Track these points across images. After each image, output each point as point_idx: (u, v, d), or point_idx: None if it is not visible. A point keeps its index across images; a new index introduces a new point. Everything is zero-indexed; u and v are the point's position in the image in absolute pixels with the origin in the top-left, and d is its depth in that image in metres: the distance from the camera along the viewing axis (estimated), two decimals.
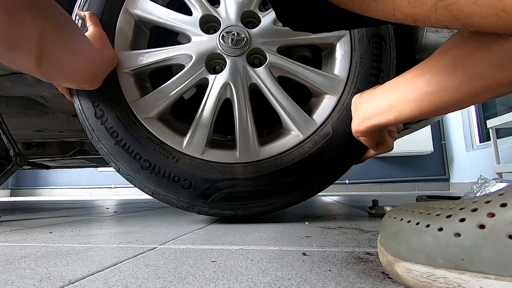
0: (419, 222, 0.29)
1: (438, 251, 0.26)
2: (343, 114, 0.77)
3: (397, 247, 0.30)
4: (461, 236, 0.25)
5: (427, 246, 0.27)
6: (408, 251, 0.29)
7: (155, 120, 0.80)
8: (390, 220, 0.33)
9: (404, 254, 0.29)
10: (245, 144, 0.78)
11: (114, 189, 4.76)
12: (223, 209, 0.78)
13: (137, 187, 0.80)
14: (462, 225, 0.25)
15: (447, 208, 0.28)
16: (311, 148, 0.76)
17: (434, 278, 0.26)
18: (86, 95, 0.78)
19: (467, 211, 0.26)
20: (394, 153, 3.91)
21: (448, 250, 0.25)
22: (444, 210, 0.28)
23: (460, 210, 0.27)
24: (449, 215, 0.27)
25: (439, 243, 0.26)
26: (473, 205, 0.26)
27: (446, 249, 0.26)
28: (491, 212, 0.24)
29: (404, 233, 0.30)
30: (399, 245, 0.30)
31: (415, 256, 0.28)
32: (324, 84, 0.79)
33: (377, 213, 0.93)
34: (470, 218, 0.25)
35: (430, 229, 0.27)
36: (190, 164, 0.76)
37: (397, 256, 0.30)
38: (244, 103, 0.79)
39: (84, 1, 0.80)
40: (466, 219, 0.25)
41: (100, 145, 0.78)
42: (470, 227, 0.25)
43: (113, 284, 0.34)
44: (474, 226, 0.25)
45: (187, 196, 0.76)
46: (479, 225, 0.24)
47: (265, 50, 0.80)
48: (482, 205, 0.25)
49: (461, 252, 0.25)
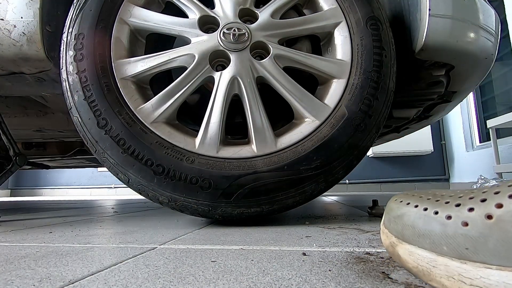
0: (427, 208, 0.29)
1: (444, 238, 0.26)
2: (355, 94, 0.77)
3: (402, 230, 0.30)
4: (468, 225, 0.25)
5: (433, 233, 0.27)
6: (413, 235, 0.29)
7: (163, 124, 0.78)
8: (397, 204, 0.33)
9: (408, 237, 0.29)
10: (260, 136, 0.77)
11: (114, 189, 4.76)
12: (249, 206, 0.74)
13: (150, 198, 0.75)
14: (470, 214, 0.25)
15: (456, 197, 0.28)
16: (330, 131, 0.76)
17: (435, 264, 0.26)
18: (86, 106, 0.75)
19: (476, 201, 0.26)
20: (394, 153, 3.91)
21: (455, 238, 0.25)
22: (453, 198, 0.28)
23: (470, 199, 0.27)
24: (458, 203, 0.27)
25: (446, 231, 0.26)
26: (482, 195, 0.26)
27: (452, 238, 0.26)
28: (499, 203, 0.24)
29: (410, 217, 0.30)
30: (404, 228, 0.30)
31: (420, 241, 0.28)
32: (330, 69, 0.80)
33: (377, 213, 0.93)
34: (479, 208, 0.25)
35: (439, 216, 0.28)
36: (207, 164, 0.73)
37: (401, 238, 0.30)
38: (253, 95, 0.78)
39: (77, 12, 0.80)
40: (475, 209, 0.26)
41: (105, 156, 0.74)
42: (478, 217, 0.25)
43: (113, 284, 0.34)
44: (482, 216, 0.25)
45: (208, 198, 0.73)
46: (487, 215, 0.24)
47: (267, 42, 0.80)
48: (491, 195, 0.25)
49: (466, 241, 0.25)
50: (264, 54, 0.82)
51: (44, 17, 0.85)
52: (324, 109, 0.78)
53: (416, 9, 0.85)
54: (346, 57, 0.81)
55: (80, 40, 0.78)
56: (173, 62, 0.80)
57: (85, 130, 0.76)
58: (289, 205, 0.76)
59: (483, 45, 0.88)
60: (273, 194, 0.74)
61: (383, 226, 0.34)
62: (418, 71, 0.94)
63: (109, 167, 0.76)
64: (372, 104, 0.77)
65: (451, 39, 0.83)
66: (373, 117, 0.77)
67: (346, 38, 0.82)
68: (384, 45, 0.80)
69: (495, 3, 2.75)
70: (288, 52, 0.81)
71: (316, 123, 0.77)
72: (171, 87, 0.78)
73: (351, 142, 0.76)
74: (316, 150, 0.75)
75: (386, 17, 0.84)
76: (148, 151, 0.73)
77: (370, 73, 0.78)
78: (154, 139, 0.75)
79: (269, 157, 0.75)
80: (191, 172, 0.72)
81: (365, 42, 0.80)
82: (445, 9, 0.82)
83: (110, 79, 0.77)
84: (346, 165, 0.77)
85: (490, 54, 0.92)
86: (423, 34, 0.81)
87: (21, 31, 0.83)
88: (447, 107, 1.27)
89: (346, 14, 0.83)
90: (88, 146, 0.78)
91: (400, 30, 0.91)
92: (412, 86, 1.03)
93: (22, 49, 0.84)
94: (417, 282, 0.33)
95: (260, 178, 0.73)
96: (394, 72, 0.81)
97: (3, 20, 0.83)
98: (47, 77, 0.94)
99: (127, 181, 0.75)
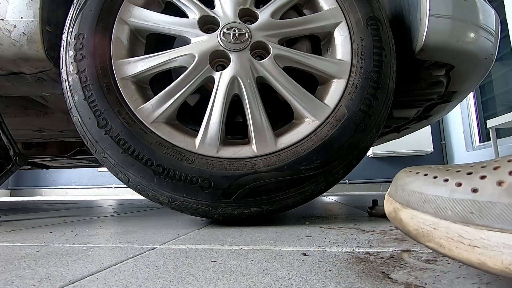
0: (437, 176, 0.29)
1: (450, 203, 0.27)
2: (355, 94, 0.77)
3: (408, 197, 0.30)
4: (478, 191, 0.26)
5: (439, 198, 0.28)
6: (418, 200, 0.29)
7: (163, 124, 0.78)
8: (405, 173, 0.34)
9: (413, 203, 0.30)
10: (260, 136, 0.77)
11: (114, 189, 4.76)
12: (249, 206, 0.74)
13: (150, 198, 0.76)
14: (481, 181, 0.26)
15: (467, 167, 0.29)
16: (330, 131, 0.76)
17: (436, 227, 0.27)
18: (86, 106, 0.76)
19: (488, 169, 0.27)
20: (394, 153, 3.91)
21: (461, 203, 0.26)
22: (465, 168, 0.29)
23: (482, 168, 0.27)
24: (469, 172, 0.28)
25: (454, 196, 0.27)
26: (495, 164, 0.27)
27: (459, 203, 0.26)
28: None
29: (418, 184, 0.30)
30: (410, 195, 0.30)
31: (425, 206, 0.28)
32: (330, 69, 0.81)
33: (377, 213, 0.93)
34: (491, 176, 0.26)
35: (448, 183, 0.28)
36: (207, 164, 0.73)
37: (405, 204, 0.30)
38: (253, 95, 0.78)
39: (77, 12, 0.80)
40: (487, 176, 0.26)
41: (105, 156, 0.75)
42: (489, 183, 0.25)
43: (113, 284, 0.34)
44: (494, 182, 0.25)
45: (208, 198, 0.73)
46: (499, 182, 0.25)
47: (267, 42, 0.80)
48: (505, 163, 0.26)
49: (473, 206, 0.25)
50: (264, 54, 0.82)
51: (44, 17, 0.85)
52: (324, 109, 0.78)
53: (416, 9, 0.85)
54: (346, 57, 0.81)
55: (80, 40, 0.78)
56: (173, 62, 0.80)
57: (85, 130, 0.76)
58: (289, 205, 0.76)
59: (483, 45, 0.88)
60: (273, 194, 0.74)
61: (387, 195, 0.35)
62: (418, 71, 0.94)
63: (109, 167, 0.76)
64: (372, 104, 0.77)
65: (451, 39, 0.83)
66: (373, 117, 0.77)
67: (346, 38, 0.82)
68: (384, 45, 0.80)
69: (495, 3, 2.76)
70: (288, 52, 0.81)
71: (316, 123, 0.77)
72: (171, 87, 0.78)
73: (351, 142, 0.76)
74: (316, 150, 0.75)
75: (386, 17, 0.84)
76: (148, 151, 0.73)
77: (370, 73, 0.78)
78: (154, 139, 0.75)
79: (269, 157, 0.75)
80: (191, 172, 0.72)
81: (365, 42, 0.80)
82: (445, 9, 0.82)
83: (110, 79, 0.77)
84: (346, 165, 0.77)
85: (490, 54, 0.92)
86: (423, 34, 0.81)
87: (21, 31, 0.83)
88: (447, 107, 1.27)
89: (346, 14, 0.83)
90: (88, 146, 0.78)
91: (400, 30, 0.91)
92: (412, 86, 1.03)
93: (22, 49, 0.84)
94: (417, 282, 0.33)
95: (260, 178, 0.73)
96: (394, 72, 0.81)
97: (3, 20, 0.83)
98: (47, 77, 0.94)
99: (127, 181, 0.75)
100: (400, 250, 0.48)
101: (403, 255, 0.44)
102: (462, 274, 0.35)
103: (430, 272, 0.36)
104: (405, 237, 0.58)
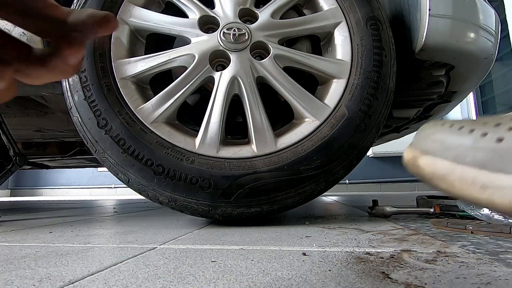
0: (463, 126, 0.30)
1: (471, 150, 0.27)
2: (355, 94, 0.77)
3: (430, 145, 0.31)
4: (503, 141, 0.26)
5: (461, 146, 0.28)
6: (439, 148, 0.29)
7: (163, 124, 0.78)
8: (430, 124, 0.34)
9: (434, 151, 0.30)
10: (260, 136, 0.77)
11: (114, 189, 4.76)
12: (249, 206, 0.74)
13: (150, 198, 0.76)
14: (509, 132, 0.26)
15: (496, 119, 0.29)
16: (330, 131, 0.76)
17: (452, 171, 0.27)
18: (86, 106, 0.76)
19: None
20: (394, 153, 3.91)
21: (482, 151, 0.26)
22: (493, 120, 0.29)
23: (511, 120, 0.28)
24: (498, 123, 0.28)
25: (476, 145, 0.27)
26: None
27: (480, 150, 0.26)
28: None
29: (442, 133, 0.30)
30: (433, 143, 0.30)
31: (445, 154, 0.28)
32: (330, 69, 0.81)
33: (377, 213, 0.93)
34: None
35: (474, 133, 0.28)
36: (207, 164, 0.73)
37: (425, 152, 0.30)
38: (253, 95, 0.78)
39: None
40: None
41: (105, 156, 0.75)
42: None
43: (113, 284, 0.34)
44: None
45: (208, 198, 0.73)
46: None
47: (267, 42, 0.80)
48: None
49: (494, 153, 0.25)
50: (264, 54, 0.82)
51: None
52: (324, 109, 0.78)
53: (416, 9, 0.85)
54: (346, 57, 0.81)
55: None
56: (173, 62, 0.80)
57: (85, 130, 0.76)
58: (289, 205, 0.76)
59: (483, 45, 0.88)
60: (273, 194, 0.74)
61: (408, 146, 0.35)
62: (418, 71, 0.94)
63: (109, 167, 0.76)
64: (372, 104, 0.77)
65: (451, 39, 0.83)
66: (373, 117, 0.77)
67: (346, 38, 0.82)
68: (384, 45, 0.80)
69: (495, 3, 2.76)
70: (288, 52, 0.81)
71: (316, 123, 0.77)
72: (171, 87, 0.78)
73: (351, 142, 0.76)
74: (316, 150, 0.75)
75: (386, 17, 0.84)
76: (148, 151, 0.73)
77: (370, 73, 0.78)
78: (154, 139, 0.75)
79: (269, 157, 0.75)
80: (191, 172, 0.72)
81: (365, 42, 0.80)
82: (445, 9, 0.82)
83: (110, 79, 0.77)
84: (346, 165, 0.77)
85: (490, 54, 0.92)
86: (423, 34, 0.81)
87: (21, 31, 0.83)
88: (447, 107, 1.27)
89: (346, 14, 0.83)
90: (88, 146, 0.78)
91: (400, 30, 0.90)
92: (412, 86, 1.03)
93: None
94: (417, 282, 0.33)
95: (260, 178, 0.73)
96: (394, 72, 0.81)
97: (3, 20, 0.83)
98: None
99: (127, 181, 0.75)
100: (400, 250, 0.48)
101: (403, 255, 0.44)
102: (462, 274, 0.35)
103: (430, 272, 0.36)
104: (405, 237, 0.58)
